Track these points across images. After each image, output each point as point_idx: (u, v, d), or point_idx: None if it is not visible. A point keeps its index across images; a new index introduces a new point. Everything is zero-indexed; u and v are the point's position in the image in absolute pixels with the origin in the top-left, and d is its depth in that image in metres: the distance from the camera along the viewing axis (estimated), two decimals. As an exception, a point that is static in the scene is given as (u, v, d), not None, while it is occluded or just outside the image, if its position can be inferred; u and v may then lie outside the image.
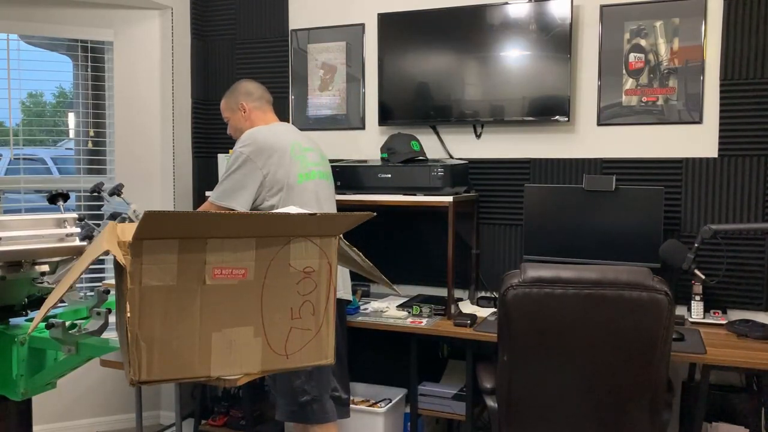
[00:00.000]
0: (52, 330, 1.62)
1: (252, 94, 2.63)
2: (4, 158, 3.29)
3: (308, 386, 2.34)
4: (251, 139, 2.40)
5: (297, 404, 2.35)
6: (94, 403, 3.47)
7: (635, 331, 1.91)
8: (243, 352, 1.20)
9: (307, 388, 2.34)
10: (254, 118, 2.61)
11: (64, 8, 3.31)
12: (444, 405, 2.73)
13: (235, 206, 2.34)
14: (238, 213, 1.13)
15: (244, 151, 2.38)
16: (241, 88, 2.64)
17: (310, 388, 2.34)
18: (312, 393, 2.34)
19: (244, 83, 2.67)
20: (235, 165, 2.37)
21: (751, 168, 2.69)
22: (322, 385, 2.38)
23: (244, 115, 2.61)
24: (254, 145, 2.39)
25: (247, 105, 2.61)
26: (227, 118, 2.67)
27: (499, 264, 3.08)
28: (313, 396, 2.35)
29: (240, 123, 2.62)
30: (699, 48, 2.74)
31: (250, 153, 2.37)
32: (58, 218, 1.77)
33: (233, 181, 2.37)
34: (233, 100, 2.64)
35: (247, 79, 2.71)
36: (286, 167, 2.41)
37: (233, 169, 2.37)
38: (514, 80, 2.95)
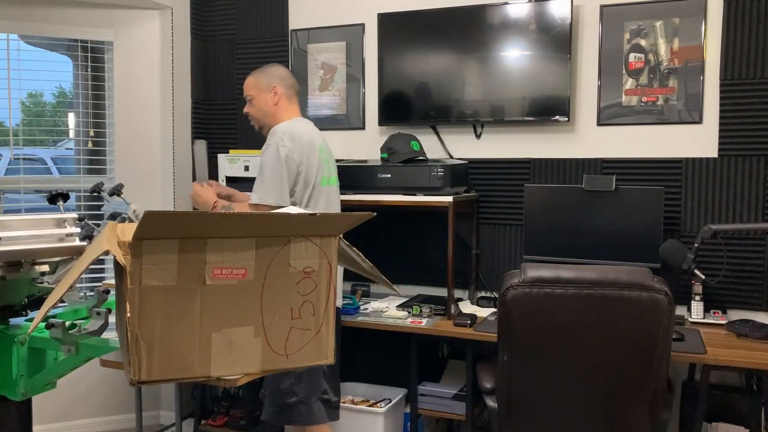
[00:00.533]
0: (52, 330, 1.62)
1: (285, 80, 2.54)
2: (4, 158, 3.29)
3: (297, 388, 2.32)
4: (289, 135, 2.36)
5: (284, 405, 2.33)
6: (94, 403, 3.47)
7: (635, 331, 1.91)
8: (243, 352, 1.20)
9: (296, 389, 2.32)
10: (282, 104, 2.52)
11: (64, 8, 3.31)
12: (444, 405, 2.73)
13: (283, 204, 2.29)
14: (238, 213, 1.13)
15: (283, 148, 2.33)
16: (276, 71, 2.55)
17: (299, 390, 2.32)
18: (300, 395, 2.33)
19: (279, 67, 2.58)
20: (275, 162, 2.32)
21: (751, 168, 2.69)
22: (311, 388, 2.35)
23: (273, 98, 2.51)
24: (293, 143, 2.35)
25: (279, 89, 2.51)
26: (251, 96, 2.54)
27: (499, 264, 3.08)
28: (300, 398, 2.33)
29: (266, 105, 2.52)
30: (699, 48, 2.74)
31: (289, 150, 2.33)
32: (58, 218, 1.77)
33: (277, 179, 2.32)
34: (265, 80, 2.52)
35: (278, 65, 2.61)
36: (314, 169, 2.40)
37: (275, 167, 2.32)
38: (514, 80, 2.95)
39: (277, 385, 2.32)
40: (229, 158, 3.13)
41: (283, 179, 2.33)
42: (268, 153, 2.35)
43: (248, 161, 3.04)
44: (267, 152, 2.35)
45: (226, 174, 3.12)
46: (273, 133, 2.38)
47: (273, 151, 2.33)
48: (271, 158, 2.33)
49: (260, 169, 2.37)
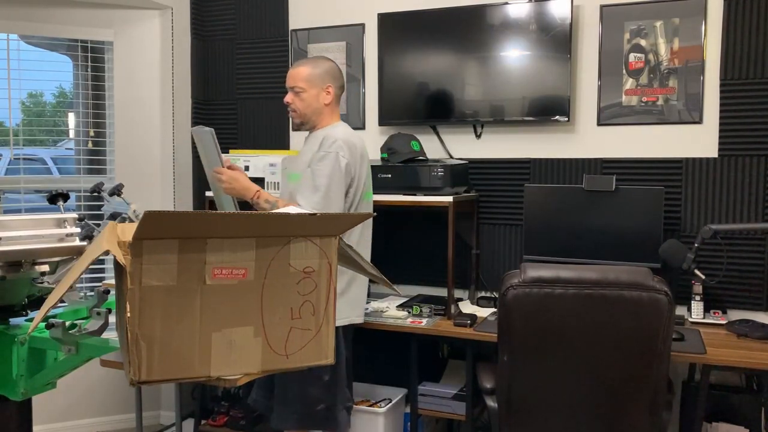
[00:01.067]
0: (52, 330, 1.62)
1: (338, 80, 2.41)
2: (4, 158, 3.29)
3: (324, 396, 2.28)
4: (349, 145, 2.28)
5: (311, 412, 2.28)
6: (94, 403, 3.47)
7: (635, 331, 1.91)
8: (243, 352, 1.20)
9: (323, 397, 2.28)
10: (332, 106, 2.40)
11: (64, 8, 3.31)
12: (444, 405, 2.73)
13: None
14: (238, 213, 1.13)
15: (344, 159, 2.25)
16: (332, 68, 2.40)
17: (327, 398, 2.29)
18: (327, 402, 2.29)
19: (333, 64, 2.42)
20: (336, 172, 2.23)
21: (751, 168, 2.69)
22: (339, 396, 2.33)
23: (325, 98, 2.37)
24: (351, 155, 2.28)
25: (333, 90, 2.38)
26: (301, 89, 2.36)
27: (499, 264, 3.08)
28: (327, 405, 2.29)
29: (316, 102, 2.36)
30: (699, 48, 2.74)
31: (348, 162, 2.26)
32: (58, 218, 1.77)
33: (338, 192, 2.24)
34: (320, 76, 2.37)
35: (332, 60, 2.46)
36: (362, 183, 2.35)
37: (335, 178, 2.23)
38: (514, 80, 2.95)
39: (304, 393, 2.27)
40: (228, 158, 3.12)
41: (342, 192, 2.25)
42: (327, 161, 2.23)
43: (248, 161, 3.04)
44: (326, 160, 2.24)
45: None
46: (330, 140, 2.28)
47: (333, 160, 2.23)
48: (331, 168, 2.23)
49: (315, 175, 2.24)
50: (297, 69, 2.38)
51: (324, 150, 2.26)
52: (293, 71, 2.39)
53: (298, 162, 2.42)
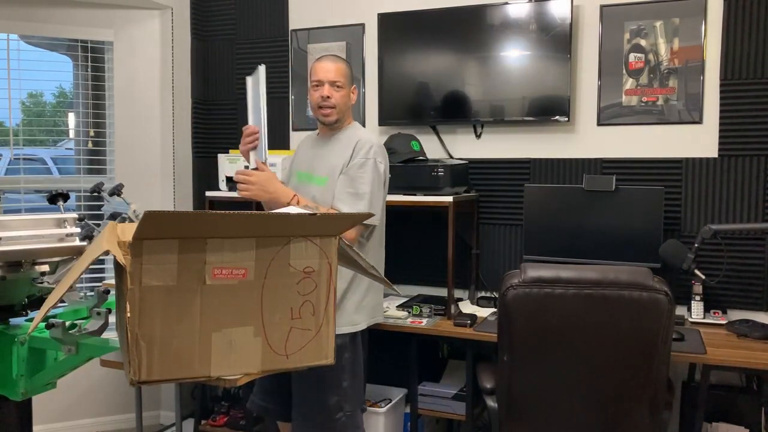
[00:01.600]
0: (52, 330, 1.62)
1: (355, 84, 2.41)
2: (4, 158, 3.29)
3: (344, 403, 2.24)
4: (382, 150, 2.27)
5: (332, 420, 2.23)
6: (94, 403, 3.47)
7: (635, 331, 1.91)
8: (243, 352, 1.20)
9: (343, 404, 2.24)
10: (351, 104, 2.35)
11: (64, 8, 3.31)
12: (444, 405, 2.73)
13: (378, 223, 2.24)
14: (238, 213, 1.13)
15: (381, 164, 2.24)
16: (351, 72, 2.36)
17: (346, 405, 2.25)
18: (346, 409, 2.25)
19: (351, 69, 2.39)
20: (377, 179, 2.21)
21: (751, 168, 2.69)
22: (356, 401, 2.30)
23: (352, 98, 2.34)
24: (384, 159, 2.27)
25: (355, 92, 2.37)
26: (341, 85, 2.28)
27: (499, 264, 3.08)
28: (346, 412, 2.26)
29: (346, 100, 2.32)
30: (699, 48, 2.74)
31: (385, 167, 2.27)
32: (58, 218, 1.77)
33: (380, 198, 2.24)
34: (351, 76, 2.34)
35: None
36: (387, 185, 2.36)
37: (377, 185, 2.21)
38: (514, 80, 2.95)
39: (324, 402, 2.22)
40: (229, 158, 3.13)
41: (383, 198, 2.25)
42: (368, 168, 2.20)
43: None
44: (366, 167, 2.20)
45: (226, 174, 3.12)
46: (367, 145, 2.23)
47: (373, 167, 2.20)
48: (372, 174, 2.20)
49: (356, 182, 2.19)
50: (339, 64, 2.29)
51: (362, 156, 2.21)
52: (335, 65, 2.28)
53: (323, 164, 2.32)
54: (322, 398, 2.21)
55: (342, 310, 2.22)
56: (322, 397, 2.21)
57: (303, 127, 3.47)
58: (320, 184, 2.29)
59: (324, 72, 2.27)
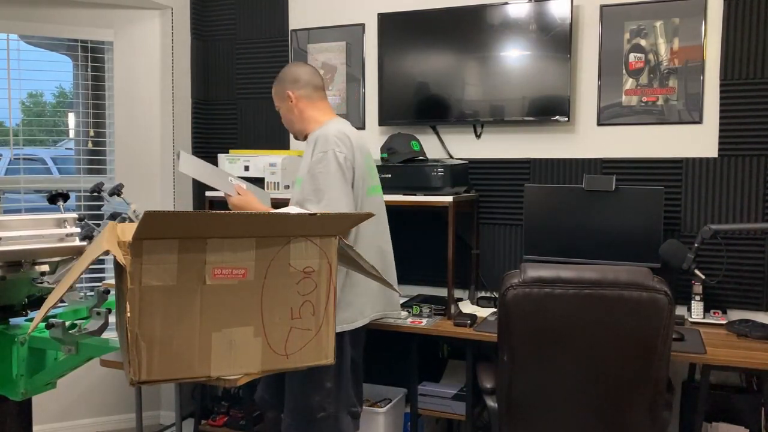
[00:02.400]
0: (52, 330, 1.62)
1: (298, 81, 2.36)
2: (4, 158, 3.30)
3: (326, 403, 2.24)
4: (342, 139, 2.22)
5: (313, 420, 2.24)
6: (94, 403, 3.47)
7: (635, 331, 1.91)
8: (243, 352, 1.20)
9: (326, 404, 2.24)
10: (304, 107, 2.36)
11: (64, 8, 3.31)
12: (444, 405, 2.73)
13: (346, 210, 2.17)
14: (238, 213, 1.13)
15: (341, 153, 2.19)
16: (288, 74, 2.38)
17: (329, 405, 2.25)
18: (329, 410, 2.25)
19: (292, 68, 2.41)
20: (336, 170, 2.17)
21: (751, 168, 2.69)
22: (341, 402, 2.29)
23: (293, 106, 2.36)
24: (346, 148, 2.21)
25: (294, 94, 2.35)
26: (278, 108, 2.42)
27: (499, 264, 3.08)
28: (329, 413, 2.25)
29: (289, 113, 2.38)
30: (699, 48, 2.74)
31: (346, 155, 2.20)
32: (58, 218, 1.77)
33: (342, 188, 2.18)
34: (280, 88, 2.39)
35: (297, 63, 2.47)
36: (362, 177, 2.28)
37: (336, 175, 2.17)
38: (514, 80, 2.95)
39: (306, 401, 2.23)
40: (229, 158, 3.13)
41: (346, 187, 2.19)
42: (325, 161, 2.17)
43: (248, 161, 3.04)
44: (323, 161, 2.17)
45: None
46: (323, 139, 2.22)
47: (331, 158, 2.17)
48: (329, 166, 2.17)
49: (315, 178, 2.18)
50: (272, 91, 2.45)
51: (320, 151, 2.20)
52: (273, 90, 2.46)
53: (301, 167, 2.37)
54: (305, 397, 2.24)
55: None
56: (305, 396, 2.24)
57: (303, 127, 3.47)
58: (299, 186, 2.32)
59: None
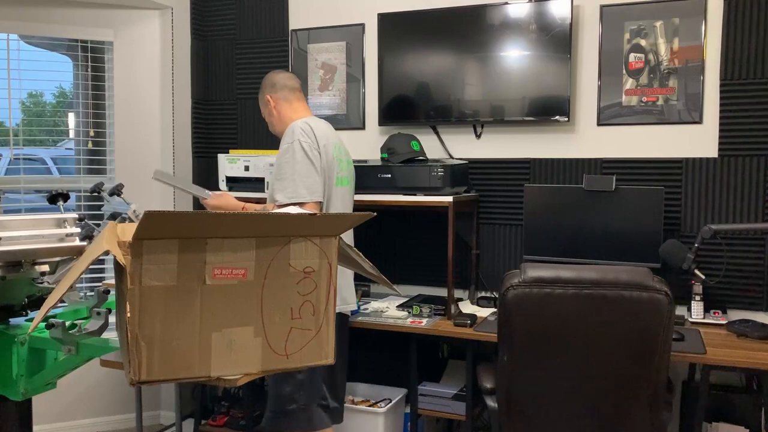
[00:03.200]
0: (52, 330, 1.62)
1: (275, 85, 2.51)
2: (4, 158, 3.29)
3: (297, 394, 2.29)
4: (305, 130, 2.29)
5: (283, 411, 2.30)
6: (94, 403, 3.47)
7: (635, 331, 1.91)
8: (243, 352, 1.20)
9: (296, 396, 2.29)
10: (281, 109, 2.49)
11: (64, 8, 3.31)
12: (444, 405, 2.73)
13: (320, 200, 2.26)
14: (238, 213, 1.13)
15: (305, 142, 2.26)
16: (266, 80, 2.54)
17: (299, 396, 2.29)
18: (299, 401, 2.30)
19: (270, 75, 2.55)
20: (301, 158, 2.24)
21: (751, 168, 2.69)
22: (311, 394, 2.33)
23: (272, 109, 2.51)
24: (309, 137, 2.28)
25: (272, 97, 2.50)
26: (263, 114, 2.58)
27: (499, 264, 3.08)
28: (299, 404, 2.30)
29: (270, 117, 2.54)
30: (699, 48, 2.74)
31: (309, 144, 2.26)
32: (58, 218, 1.77)
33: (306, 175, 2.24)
34: (261, 94, 2.55)
35: (275, 71, 2.59)
36: (329, 167, 2.35)
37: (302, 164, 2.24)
38: (514, 80, 2.95)
39: (278, 392, 2.30)
40: (229, 158, 3.13)
41: (312, 171, 2.25)
42: (289, 152, 2.26)
43: (248, 161, 3.04)
44: (287, 152, 2.26)
45: (226, 174, 3.12)
46: (289, 132, 2.31)
47: (294, 148, 2.26)
48: (293, 154, 2.25)
49: (281, 169, 2.27)
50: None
51: (286, 142, 2.30)
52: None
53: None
54: (278, 388, 2.30)
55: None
56: (278, 387, 2.30)
57: (303, 127, 3.47)
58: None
59: None
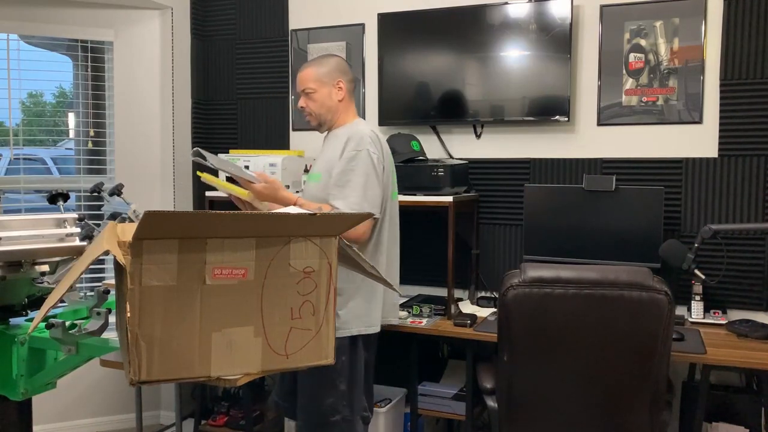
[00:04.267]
0: (52, 330, 1.62)
1: (347, 75, 2.34)
2: (4, 158, 3.29)
3: (340, 406, 2.22)
4: (375, 141, 2.22)
5: (326, 423, 2.21)
6: (94, 403, 3.47)
7: (635, 331, 1.91)
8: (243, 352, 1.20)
9: (340, 407, 2.22)
10: (345, 102, 2.33)
11: (64, 8, 3.31)
12: (444, 405, 2.73)
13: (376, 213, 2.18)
14: (238, 213, 1.13)
15: (374, 154, 2.19)
16: (339, 64, 2.33)
17: (342, 408, 2.22)
18: (343, 413, 2.23)
19: (340, 59, 2.36)
20: (371, 170, 2.17)
21: (751, 168, 2.69)
22: (354, 406, 2.27)
23: (338, 94, 2.31)
24: (379, 150, 2.22)
25: (344, 85, 2.31)
26: (312, 90, 2.30)
27: (499, 264, 3.08)
28: (343, 416, 2.23)
29: (329, 100, 2.30)
30: (699, 48, 2.74)
31: (378, 158, 2.20)
32: (58, 218, 1.77)
33: (375, 188, 2.18)
34: (329, 73, 2.30)
35: (339, 56, 2.41)
36: (388, 180, 2.29)
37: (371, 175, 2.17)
38: (514, 80, 2.95)
39: (319, 403, 2.21)
40: (229, 158, 3.12)
41: (378, 188, 2.19)
42: (359, 159, 2.16)
43: (248, 161, 3.04)
44: (357, 158, 2.17)
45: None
46: (357, 137, 2.20)
47: (365, 157, 2.17)
48: (364, 165, 2.16)
49: (344, 175, 2.17)
50: (304, 71, 2.33)
51: (353, 149, 2.19)
52: (301, 74, 2.33)
53: (319, 162, 2.34)
54: (318, 399, 2.22)
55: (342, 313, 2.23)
56: (318, 398, 2.22)
57: (303, 127, 3.47)
58: (317, 181, 2.30)
59: (297, 83, 2.36)
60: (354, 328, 2.25)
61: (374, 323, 2.31)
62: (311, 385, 2.22)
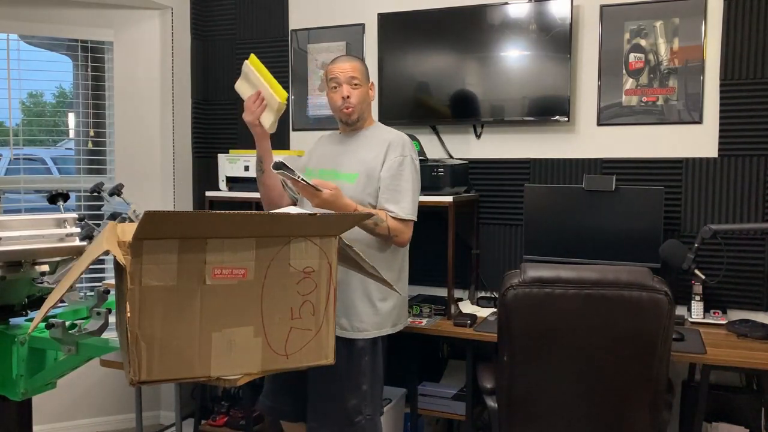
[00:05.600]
0: (52, 330, 1.62)
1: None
2: (4, 158, 3.29)
3: (363, 405, 2.23)
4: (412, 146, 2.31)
5: (351, 423, 2.22)
6: (94, 403, 3.47)
7: (635, 331, 1.91)
8: (243, 352, 1.20)
9: (362, 407, 2.23)
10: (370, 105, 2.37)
11: (64, 8, 3.31)
12: (444, 405, 2.73)
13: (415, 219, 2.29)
14: (238, 213, 1.13)
15: (416, 162, 2.29)
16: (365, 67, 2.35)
17: (365, 408, 2.24)
18: (366, 413, 2.24)
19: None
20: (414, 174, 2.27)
21: (751, 168, 2.69)
22: (376, 405, 2.30)
23: (370, 95, 2.33)
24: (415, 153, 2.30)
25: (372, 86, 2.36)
26: (359, 82, 2.25)
27: (499, 264, 3.08)
28: (366, 415, 2.24)
29: (367, 97, 2.31)
30: (699, 48, 2.74)
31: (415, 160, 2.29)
32: (58, 218, 1.77)
33: (418, 190, 2.30)
34: (367, 72, 2.33)
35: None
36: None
37: (416, 183, 2.29)
38: (514, 80, 2.95)
39: (343, 404, 2.21)
40: (229, 158, 3.13)
41: (417, 192, 2.30)
42: (407, 165, 2.25)
43: (248, 161, 3.04)
44: (405, 164, 2.24)
45: (226, 174, 3.12)
46: (400, 142, 2.26)
47: (411, 163, 2.26)
48: (411, 171, 2.26)
49: (397, 180, 2.23)
50: (354, 62, 2.27)
51: (400, 154, 2.24)
52: (352, 63, 2.26)
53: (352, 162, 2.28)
54: (341, 400, 2.20)
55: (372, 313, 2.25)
56: (341, 399, 2.20)
57: (303, 127, 3.47)
58: (350, 181, 2.26)
59: (341, 71, 2.25)
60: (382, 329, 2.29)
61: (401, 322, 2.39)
62: (335, 388, 2.20)
